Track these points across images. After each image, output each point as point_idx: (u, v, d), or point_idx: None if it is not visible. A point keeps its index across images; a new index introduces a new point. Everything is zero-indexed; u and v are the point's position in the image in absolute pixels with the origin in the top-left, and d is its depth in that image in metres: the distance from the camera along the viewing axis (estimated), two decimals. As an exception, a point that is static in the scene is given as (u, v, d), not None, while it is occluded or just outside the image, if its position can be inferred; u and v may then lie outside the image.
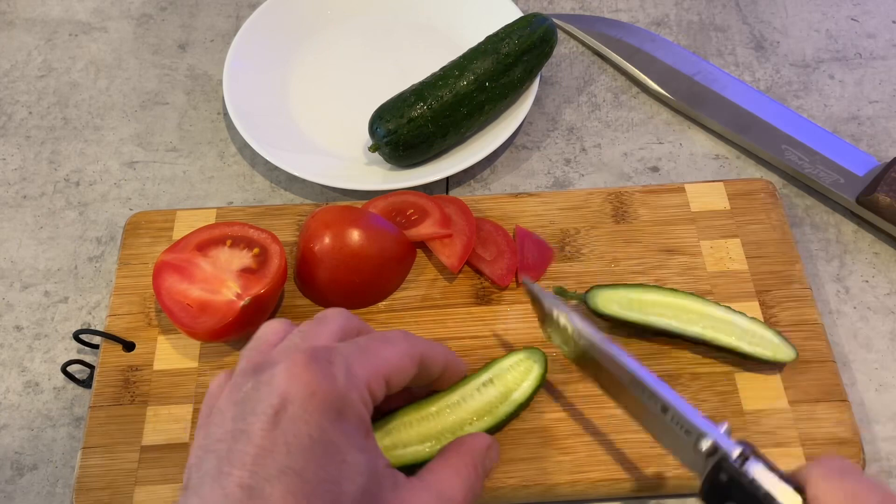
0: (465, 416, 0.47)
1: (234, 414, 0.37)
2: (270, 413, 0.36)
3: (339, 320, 0.42)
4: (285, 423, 0.35)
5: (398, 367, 0.41)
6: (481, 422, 0.47)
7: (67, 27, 0.77)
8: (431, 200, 0.58)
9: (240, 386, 0.38)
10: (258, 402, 0.36)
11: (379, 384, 0.40)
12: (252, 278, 0.52)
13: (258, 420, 0.36)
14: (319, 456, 0.35)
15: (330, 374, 0.37)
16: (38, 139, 0.69)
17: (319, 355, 0.38)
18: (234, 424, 0.36)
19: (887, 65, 0.71)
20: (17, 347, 0.58)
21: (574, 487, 0.49)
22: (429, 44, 0.73)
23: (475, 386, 0.48)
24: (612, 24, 0.73)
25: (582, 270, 0.57)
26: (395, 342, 0.42)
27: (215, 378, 0.41)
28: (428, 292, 0.57)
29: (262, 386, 0.37)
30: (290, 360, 0.37)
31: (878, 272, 0.60)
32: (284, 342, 0.41)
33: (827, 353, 0.53)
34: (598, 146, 0.67)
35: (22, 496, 0.52)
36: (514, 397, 0.48)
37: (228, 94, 0.66)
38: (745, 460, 0.36)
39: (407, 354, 0.42)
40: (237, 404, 0.37)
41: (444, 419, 0.46)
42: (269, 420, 0.35)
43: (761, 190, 0.60)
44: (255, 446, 0.35)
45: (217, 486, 0.34)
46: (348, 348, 0.40)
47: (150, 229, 0.60)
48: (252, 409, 0.36)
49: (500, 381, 0.49)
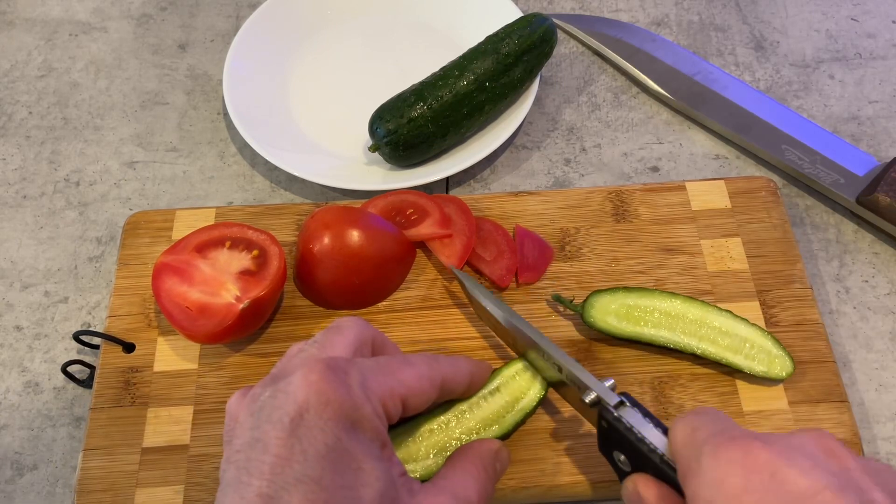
0: (473, 425, 0.47)
1: (252, 423, 0.37)
2: (287, 421, 0.36)
3: (355, 329, 0.42)
4: (301, 430, 0.36)
5: (416, 389, 0.41)
6: (489, 431, 0.47)
7: (67, 27, 0.77)
8: (431, 200, 0.58)
9: (258, 396, 0.38)
10: (274, 409, 0.37)
11: (394, 403, 0.40)
12: (251, 280, 0.52)
13: (274, 428, 0.36)
14: (336, 463, 0.35)
15: (345, 384, 0.37)
16: (38, 139, 0.69)
17: (336, 365, 0.38)
18: (251, 434, 0.37)
19: (887, 65, 0.71)
20: (17, 347, 0.58)
21: (574, 489, 0.49)
22: (429, 44, 0.73)
23: (482, 395, 0.48)
24: (612, 24, 0.73)
25: (582, 270, 0.57)
26: (416, 365, 0.42)
27: (233, 396, 0.41)
28: (428, 292, 0.57)
29: (279, 394, 0.37)
30: (306, 369, 0.38)
31: (878, 272, 0.60)
32: (301, 353, 0.41)
33: (827, 354, 0.53)
34: (598, 146, 0.67)
35: (22, 496, 0.52)
36: (522, 405, 0.48)
37: (228, 93, 0.66)
38: (623, 408, 0.41)
39: (427, 377, 0.42)
40: (254, 414, 0.37)
41: (452, 430, 0.46)
42: (285, 428, 0.36)
43: (762, 188, 0.60)
44: (273, 455, 0.35)
45: (237, 497, 0.34)
46: (367, 363, 0.40)
47: (150, 229, 0.60)
48: (268, 417, 0.36)
49: (507, 389, 0.48)
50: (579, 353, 0.53)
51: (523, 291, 0.56)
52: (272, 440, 0.35)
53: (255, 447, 0.36)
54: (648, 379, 0.52)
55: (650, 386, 0.52)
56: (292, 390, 0.37)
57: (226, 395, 0.53)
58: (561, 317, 0.55)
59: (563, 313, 0.55)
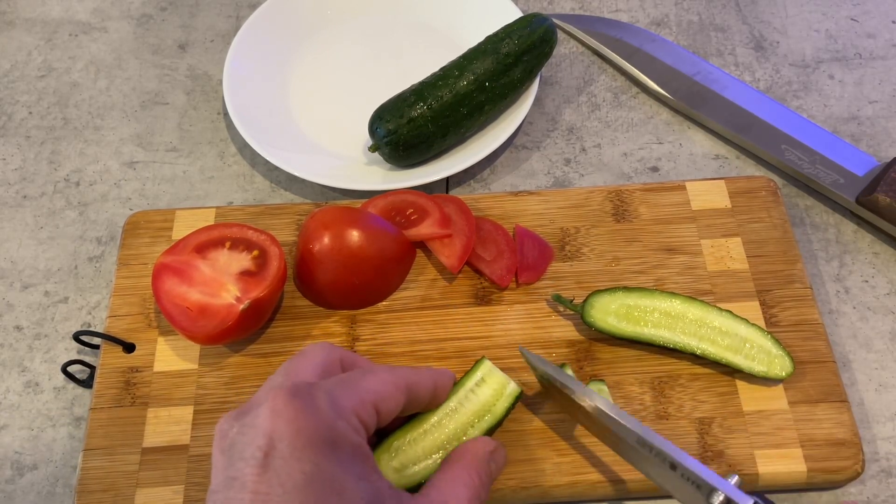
0: (466, 419, 0.46)
1: (224, 463, 0.36)
2: (259, 456, 0.35)
3: (322, 353, 0.42)
4: (276, 463, 0.35)
5: (384, 394, 0.41)
6: (483, 422, 0.47)
7: (67, 27, 0.77)
8: (431, 200, 0.58)
9: (225, 432, 0.38)
10: (245, 445, 0.36)
11: (368, 411, 0.39)
12: (251, 281, 0.52)
13: (247, 465, 0.35)
14: (317, 491, 0.35)
15: (313, 406, 0.37)
16: (38, 139, 0.69)
17: (300, 391, 0.37)
18: (225, 473, 0.36)
19: (887, 65, 0.71)
20: (17, 347, 0.58)
21: (573, 489, 0.49)
22: (429, 44, 0.73)
23: (469, 388, 0.48)
24: (612, 24, 0.73)
25: (582, 270, 0.57)
26: (378, 372, 0.42)
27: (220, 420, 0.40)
28: (428, 292, 0.57)
29: (247, 429, 0.37)
30: (271, 399, 0.37)
31: (878, 272, 0.60)
32: (267, 382, 0.40)
33: (827, 354, 0.53)
34: (597, 146, 0.67)
35: (22, 496, 0.52)
36: (509, 390, 0.48)
37: (228, 94, 0.66)
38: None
39: (391, 382, 0.41)
40: (224, 452, 0.37)
41: (446, 428, 0.46)
42: (259, 463, 0.35)
43: (762, 188, 0.60)
44: (251, 492, 0.34)
45: None
46: (330, 382, 0.39)
47: (150, 229, 0.60)
48: (240, 454, 0.36)
49: (492, 378, 0.49)
50: (579, 352, 0.54)
51: (523, 291, 0.56)
52: (248, 477, 0.35)
53: (232, 486, 0.35)
54: (648, 379, 0.52)
55: (650, 386, 0.52)
56: (259, 423, 0.36)
57: (226, 395, 0.53)
58: (561, 317, 0.55)
59: (563, 313, 0.55)
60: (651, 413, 0.51)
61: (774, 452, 0.50)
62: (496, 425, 0.47)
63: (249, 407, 0.38)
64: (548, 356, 0.53)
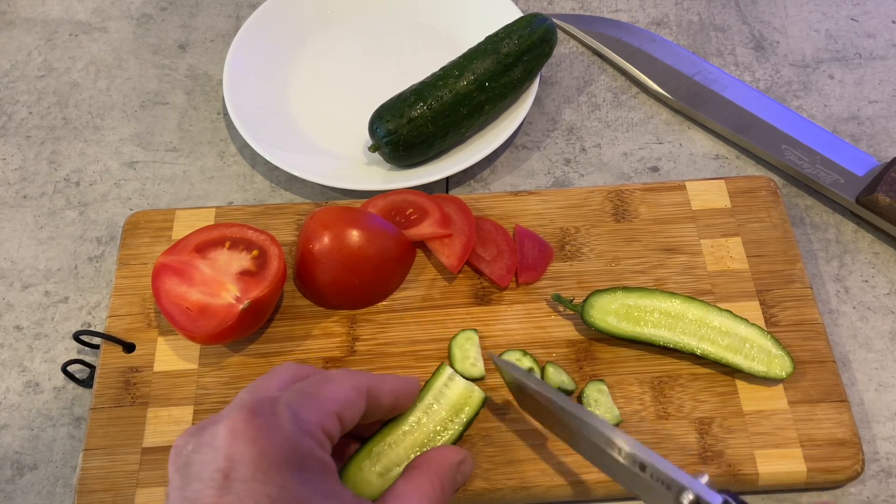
0: (445, 414, 0.47)
1: (180, 482, 0.35)
2: (218, 478, 0.34)
3: (289, 372, 0.42)
4: (236, 486, 0.34)
5: (345, 401, 0.40)
6: (463, 413, 0.47)
7: (67, 27, 0.77)
8: (431, 200, 0.58)
9: (180, 449, 0.36)
10: (203, 465, 0.35)
11: (332, 422, 0.39)
12: (251, 281, 0.52)
13: (206, 486, 0.34)
14: None
15: (276, 426, 0.36)
16: (38, 139, 0.69)
17: (262, 409, 0.36)
18: (181, 493, 0.34)
19: (887, 65, 0.71)
20: (17, 347, 0.58)
21: (574, 488, 0.49)
22: (429, 44, 0.73)
23: (442, 383, 0.48)
24: (612, 24, 0.73)
25: (582, 270, 0.57)
26: (337, 379, 0.41)
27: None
28: (428, 292, 0.57)
29: (204, 448, 0.35)
30: (230, 418, 0.36)
31: (878, 272, 0.60)
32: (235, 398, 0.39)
33: (827, 353, 0.53)
34: (597, 146, 0.67)
35: (22, 496, 0.52)
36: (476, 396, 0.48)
37: (228, 94, 0.66)
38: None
39: (351, 387, 0.41)
40: (180, 470, 0.35)
41: (425, 426, 0.46)
42: (218, 485, 0.34)
43: (762, 187, 0.60)
44: None
45: None
46: (290, 395, 0.39)
47: (150, 229, 0.60)
48: (197, 475, 0.34)
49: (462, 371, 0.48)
50: (579, 352, 0.54)
51: (523, 291, 0.56)
52: (207, 499, 0.33)
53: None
54: (648, 379, 0.52)
55: (650, 386, 0.52)
56: (218, 444, 0.35)
57: (226, 394, 0.53)
58: (561, 317, 0.55)
59: (563, 313, 0.55)
60: (651, 413, 0.51)
61: (774, 452, 0.50)
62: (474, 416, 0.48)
63: (208, 424, 0.37)
64: (548, 356, 0.53)
